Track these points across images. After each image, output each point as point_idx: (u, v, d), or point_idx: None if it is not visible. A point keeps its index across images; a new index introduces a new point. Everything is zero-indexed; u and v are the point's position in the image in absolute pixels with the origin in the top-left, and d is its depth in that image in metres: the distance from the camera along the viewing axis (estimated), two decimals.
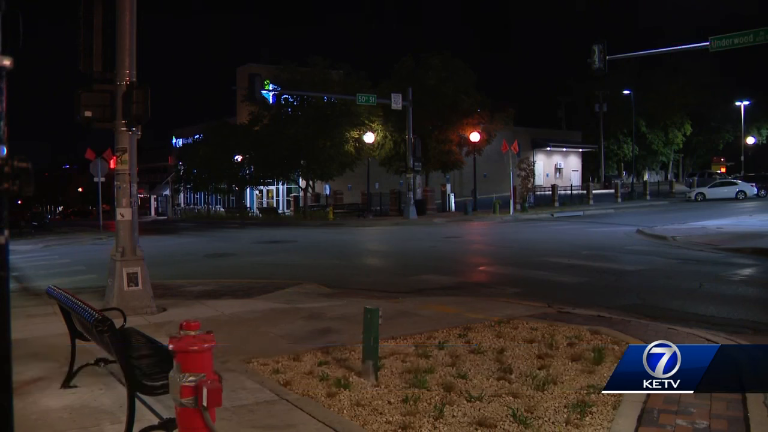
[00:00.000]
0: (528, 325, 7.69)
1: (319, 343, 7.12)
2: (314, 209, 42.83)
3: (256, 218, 46.20)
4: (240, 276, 13.80)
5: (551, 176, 67.87)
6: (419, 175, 39.65)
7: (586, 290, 11.09)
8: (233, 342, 7.19)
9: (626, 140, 70.19)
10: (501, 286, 11.77)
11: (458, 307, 9.12)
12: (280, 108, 42.40)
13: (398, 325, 7.84)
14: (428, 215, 37.13)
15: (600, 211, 36.50)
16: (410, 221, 34.16)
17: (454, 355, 6.45)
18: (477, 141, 41.27)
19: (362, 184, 43.07)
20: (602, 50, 24.59)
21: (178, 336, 3.50)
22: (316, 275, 13.39)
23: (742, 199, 41.95)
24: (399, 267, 15.61)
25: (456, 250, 19.33)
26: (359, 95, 35.60)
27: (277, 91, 39.16)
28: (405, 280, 12.81)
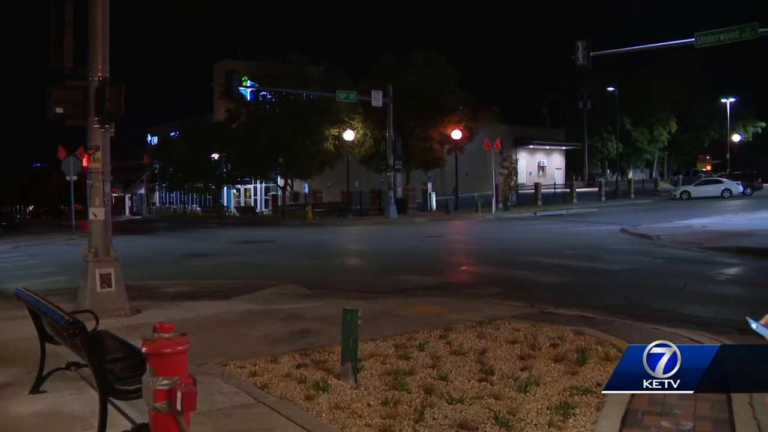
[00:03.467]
0: (510, 326, 7.71)
1: (298, 345, 7.11)
2: (293, 208, 42.67)
3: (233, 218, 45.98)
4: (217, 277, 13.72)
5: (534, 174, 68.16)
6: (400, 174, 39.65)
7: (569, 290, 11.17)
8: (210, 344, 7.15)
9: (610, 138, 70.62)
10: (483, 286, 11.81)
11: (439, 308, 9.14)
12: (258, 105, 42.20)
13: (378, 326, 7.84)
14: (409, 214, 37.17)
15: (584, 209, 36.77)
16: (391, 220, 34.17)
17: (435, 356, 6.46)
18: (459, 139, 41.34)
19: (342, 182, 42.96)
20: (586, 47, 24.74)
21: (152, 338, 3.47)
22: (295, 276, 13.34)
23: (727, 198, 42.37)
24: (379, 267, 15.61)
25: (437, 249, 19.37)
26: (339, 92, 35.54)
27: (255, 87, 38.98)
28: (385, 281, 12.81)
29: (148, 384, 3.41)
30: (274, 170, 43.71)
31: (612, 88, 61.63)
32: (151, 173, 55.47)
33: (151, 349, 3.44)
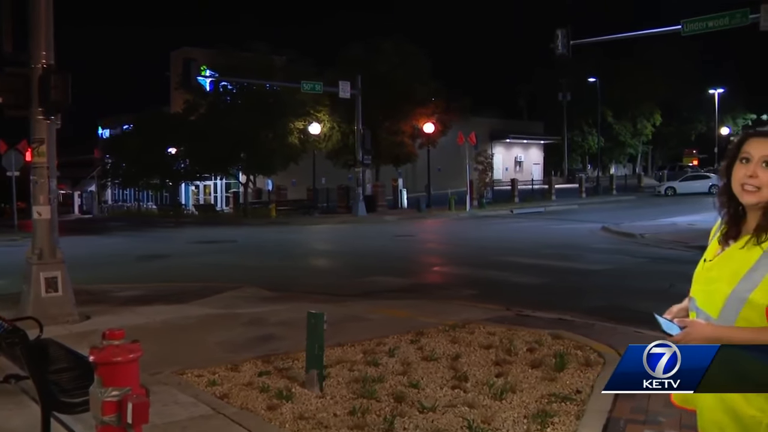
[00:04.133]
0: (485, 330, 7.76)
1: (260, 352, 7.07)
2: (255, 206, 42.42)
3: (191, 216, 45.58)
4: (174, 279, 13.60)
5: (511, 170, 68.63)
6: (369, 170, 39.61)
7: (547, 291, 11.26)
8: (165, 352, 7.07)
9: (591, 131, 71.30)
10: (456, 288, 11.87)
11: (411, 311, 9.17)
12: (219, 96, 41.84)
13: (346, 330, 7.84)
14: (379, 212, 37.17)
15: (563, 206, 37.14)
16: (359, 219, 34.16)
17: (406, 362, 6.48)
18: (431, 132, 41.39)
19: (308, 179, 42.84)
20: (566, 35, 24.93)
21: (101, 346, 3.41)
22: (258, 277, 13.29)
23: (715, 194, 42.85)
24: (347, 268, 15.64)
25: (409, 249, 19.42)
26: (304, 83, 35.35)
27: (215, 77, 38.59)
28: (354, 282, 12.83)
29: (96, 396, 3.34)
30: (235, 166, 43.40)
31: (593, 79, 62.24)
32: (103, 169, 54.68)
33: (100, 357, 3.37)
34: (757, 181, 2.22)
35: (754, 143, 2.27)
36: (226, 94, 42.21)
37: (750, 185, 2.23)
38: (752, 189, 2.22)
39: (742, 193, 2.26)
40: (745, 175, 2.24)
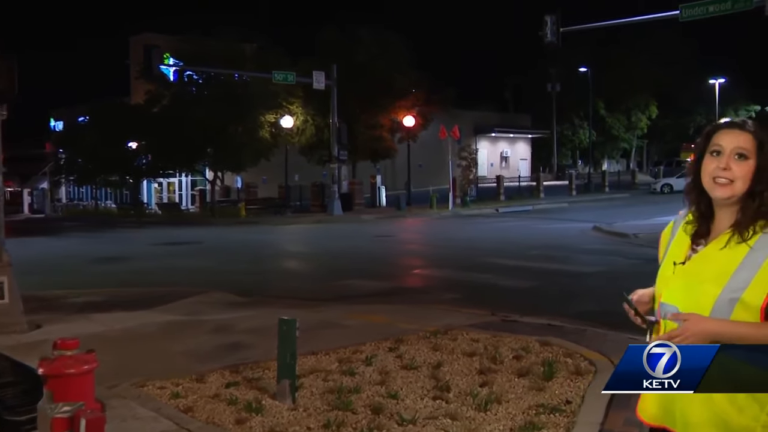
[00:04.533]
0: (468, 336, 7.77)
1: (228, 361, 7.04)
2: (224, 205, 42.22)
3: (154, 216, 45.23)
4: (135, 284, 13.52)
5: (496, 166, 68.90)
6: (345, 166, 39.59)
7: (535, 295, 11.31)
8: (124, 362, 7.01)
9: (582, 125, 71.62)
10: (438, 292, 11.91)
11: (389, 316, 9.18)
12: (184, 86, 41.55)
13: (320, 337, 7.82)
14: (356, 211, 37.15)
15: (552, 205, 37.34)
16: (335, 218, 34.13)
17: (384, 371, 6.47)
18: (411, 126, 41.44)
19: (279, 175, 42.65)
20: (555, 22, 25.05)
21: (51, 357, 3.36)
22: (226, 281, 13.23)
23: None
24: (322, 271, 15.65)
25: (387, 250, 19.45)
26: (276, 73, 35.22)
27: (179, 66, 38.33)
28: (329, 286, 12.84)
29: (45, 412, 3.29)
30: (201, 161, 43.12)
31: (584, 69, 62.56)
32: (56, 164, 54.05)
33: (50, 369, 3.32)
34: (730, 174, 2.24)
35: (725, 135, 2.30)
36: (192, 85, 41.93)
37: (722, 178, 2.25)
38: (725, 182, 2.25)
39: (714, 186, 2.28)
40: (718, 168, 2.26)
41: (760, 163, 2.24)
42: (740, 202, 2.26)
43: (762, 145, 2.25)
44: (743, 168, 2.24)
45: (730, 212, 2.28)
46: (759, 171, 2.24)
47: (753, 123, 2.33)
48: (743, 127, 2.29)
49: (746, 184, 2.24)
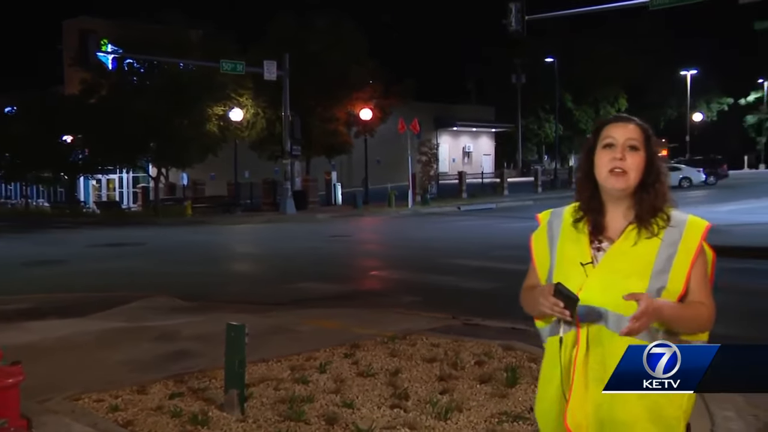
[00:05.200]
0: (428, 341, 7.82)
1: (172, 370, 6.98)
2: (168, 203, 41.87)
3: (92, 215, 44.63)
4: (71, 289, 13.32)
5: (458, 161, 69.30)
6: (299, 162, 39.48)
7: (499, 297, 11.39)
8: (58, 374, 6.91)
9: (548, 118, 72.29)
10: (397, 295, 11.97)
11: (345, 321, 9.21)
12: (124, 76, 41.02)
13: (271, 344, 7.81)
14: (310, 210, 37.16)
15: (516, 202, 37.67)
16: (288, 217, 34.10)
17: (339, 379, 6.49)
18: (369, 119, 41.50)
19: (228, 172, 42.41)
20: (520, 9, 25.29)
21: None
22: (170, 285, 13.14)
23: (686, 188, 44.16)
24: (274, 273, 15.62)
25: (344, 251, 19.47)
26: (224, 62, 34.97)
27: (119, 53, 37.88)
28: (281, 289, 12.83)
29: None
30: (144, 157, 42.65)
31: (551, 59, 63.12)
32: None
33: None
34: (624, 164, 2.44)
35: (616, 128, 2.51)
36: (133, 74, 41.41)
37: (618, 168, 2.44)
38: (621, 172, 2.44)
39: (610, 178, 2.46)
40: (613, 159, 2.45)
41: (649, 155, 2.48)
42: (633, 195, 2.47)
43: (649, 138, 2.50)
44: (636, 159, 2.45)
45: (623, 206, 2.49)
46: (649, 162, 2.47)
47: (637, 118, 2.56)
48: (631, 121, 2.53)
49: (639, 176, 2.45)
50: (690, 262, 2.42)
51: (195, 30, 41.34)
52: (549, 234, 2.64)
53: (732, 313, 9.32)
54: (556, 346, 2.51)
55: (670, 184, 2.56)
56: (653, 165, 2.48)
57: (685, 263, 2.41)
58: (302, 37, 41.39)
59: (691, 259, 2.42)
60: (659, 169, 2.49)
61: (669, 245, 2.42)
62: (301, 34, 41.65)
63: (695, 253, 2.43)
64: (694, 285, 2.43)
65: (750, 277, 13.46)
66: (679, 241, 2.43)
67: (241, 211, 38.16)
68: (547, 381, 2.56)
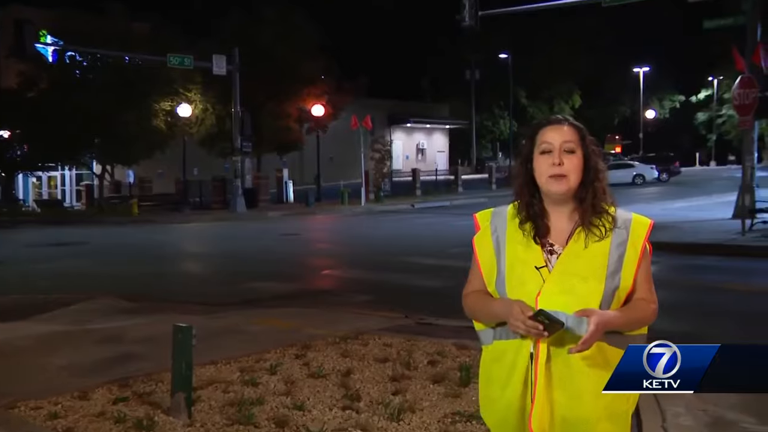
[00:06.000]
0: (381, 341, 7.85)
1: (116, 374, 6.87)
2: (114, 202, 41.29)
3: (32, 214, 43.78)
4: (9, 291, 13.02)
5: (412, 159, 69.56)
6: (249, 159, 39.28)
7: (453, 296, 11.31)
8: None
9: (503, 114, 72.99)
10: (349, 294, 12.01)
11: (296, 321, 9.20)
12: (65, 69, 40.32)
13: (220, 345, 7.76)
14: (261, 208, 37.03)
15: (471, 200, 37.89)
16: (238, 215, 33.97)
17: (290, 380, 6.47)
18: (321, 115, 41.47)
19: (177, 169, 41.97)
20: (474, 5, 25.47)
21: None
22: (116, 286, 13.01)
23: (640, 184, 45.00)
24: (224, 273, 15.56)
25: (295, 250, 19.44)
26: (171, 56, 34.60)
27: (59, 46, 37.21)
28: (231, 289, 12.81)
29: None
30: (87, 153, 42.04)
31: (505, 55, 63.66)
32: None
33: None
34: (563, 169, 2.48)
35: (551, 132, 2.54)
36: (75, 67, 40.75)
37: (558, 173, 2.48)
38: (560, 177, 2.49)
39: (551, 183, 2.51)
40: (552, 165, 2.49)
41: (586, 155, 2.52)
42: (574, 195, 2.52)
43: (584, 138, 2.54)
44: (573, 161, 2.50)
45: (567, 208, 2.54)
46: (586, 162, 2.52)
47: (570, 118, 2.60)
48: (565, 123, 2.56)
49: (579, 177, 2.50)
50: (637, 259, 2.51)
51: (141, 23, 40.82)
52: (494, 237, 2.64)
53: (682, 310, 9.52)
54: (509, 350, 2.55)
55: (608, 182, 2.60)
56: (590, 164, 2.52)
57: (633, 261, 2.50)
58: (252, 31, 41.18)
59: (638, 256, 2.51)
60: (597, 168, 2.54)
61: (618, 245, 2.49)
62: (252, 27, 41.44)
63: (641, 251, 2.52)
64: (640, 281, 2.53)
65: (699, 273, 13.77)
66: (627, 240, 2.50)
67: (189, 210, 37.82)
68: (500, 386, 2.59)
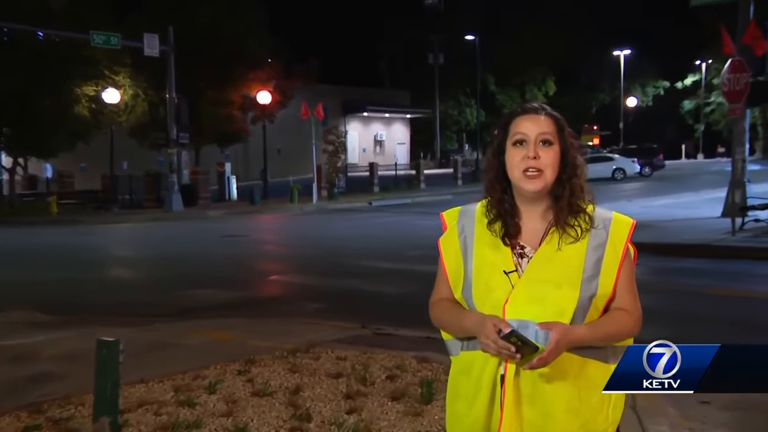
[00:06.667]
0: (334, 354, 7.83)
1: (28, 398, 6.74)
2: (28, 199, 40.76)
3: None
4: None
5: (369, 151, 69.63)
6: (187, 151, 39.06)
7: (414, 303, 11.37)
8: None
9: (470, 102, 73.22)
10: (300, 302, 12.02)
11: (240, 333, 9.17)
12: None
13: (152, 362, 7.69)
14: (200, 206, 36.92)
15: (434, 197, 38.06)
16: (175, 215, 33.76)
17: (232, 399, 6.42)
18: (268, 103, 41.36)
19: (103, 163, 41.47)
20: None
21: None
22: (31, 296, 12.83)
23: (620, 179, 45.46)
24: (159, 279, 15.47)
25: (240, 253, 19.39)
26: (95, 34, 34.06)
27: None
28: (167, 298, 12.76)
29: None
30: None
31: (472, 37, 63.89)
32: None
33: None
34: (539, 163, 2.44)
35: (525, 122, 2.50)
36: None
37: (533, 168, 2.44)
38: (535, 173, 2.44)
39: (525, 180, 2.47)
40: (526, 158, 2.45)
41: (563, 148, 2.49)
42: (549, 193, 2.49)
43: (562, 129, 2.50)
44: (549, 155, 2.46)
45: (540, 206, 2.51)
46: (564, 157, 2.48)
47: (547, 106, 2.56)
48: (542, 112, 2.52)
49: (555, 173, 2.47)
50: (618, 264, 2.48)
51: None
52: (461, 238, 2.62)
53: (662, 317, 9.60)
54: (476, 361, 2.55)
55: (587, 177, 2.58)
56: (568, 159, 2.49)
57: (613, 266, 2.47)
58: (190, 7, 40.90)
59: (619, 260, 2.48)
60: (575, 163, 2.51)
61: (596, 248, 2.47)
62: (189, 3, 41.13)
63: (623, 253, 2.49)
64: (621, 289, 2.50)
65: (683, 276, 13.94)
66: (606, 241, 2.48)
67: (118, 208, 37.51)
68: (467, 401, 2.58)
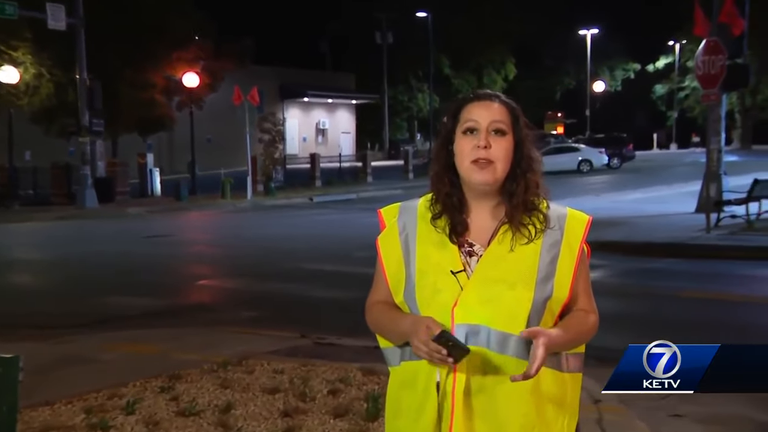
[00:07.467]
0: (270, 367, 7.83)
1: None
2: None
3: None
4: None
5: (311, 141, 69.58)
6: (102, 140, 38.61)
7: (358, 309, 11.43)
8: None
9: (422, 87, 73.40)
10: (231, 309, 12.02)
11: (164, 345, 9.11)
12: None
13: (60, 379, 7.62)
14: (119, 202, 36.56)
15: (383, 192, 38.11)
16: (89, 212, 33.25)
17: (153, 421, 6.38)
18: (195, 86, 41.13)
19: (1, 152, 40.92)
20: None
21: None
22: None
23: (586, 172, 45.95)
24: (69, 286, 15.29)
25: (164, 255, 19.26)
26: None
27: None
28: (80, 306, 12.63)
29: None
30: None
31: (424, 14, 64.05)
32: None
33: None
34: (490, 153, 2.47)
35: (477, 108, 2.53)
36: None
37: (483, 158, 2.47)
38: (485, 162, 2.47)
39: (474, 171, 2.49)
40: (477, 148, 2.48)
41: (518, 139, 2.52)
42: (501, 188, 2.52)
43: (517, 118, 2.54)
44: (503, 145, 2.49)
45: (491, 201, 2.54)
46: (518, 149, 2.52)
47: (502, 94, 2.60)
48: (495, 99, 2.55)
49: (507, 166, 2.50)
50: (574, 264, 2.55)
51: None
52: (402, 236, 2.62)
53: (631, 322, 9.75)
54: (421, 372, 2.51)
55: (543, 171, 2.61)
56: (523, 151, 2.52)
57: (569, 266, 2.53)
58: None
59: (575, 260, 2.55)
60: (530, 156, 2.54)
61: (551, 246, 2.52)
62: None
63: (578, 253, 2.57)
64: (579, 290, 2.59)
65: (654, 278, 14.12)
66: (561, 240, 2.53)
67: (20, 205, 36.83)
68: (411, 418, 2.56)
